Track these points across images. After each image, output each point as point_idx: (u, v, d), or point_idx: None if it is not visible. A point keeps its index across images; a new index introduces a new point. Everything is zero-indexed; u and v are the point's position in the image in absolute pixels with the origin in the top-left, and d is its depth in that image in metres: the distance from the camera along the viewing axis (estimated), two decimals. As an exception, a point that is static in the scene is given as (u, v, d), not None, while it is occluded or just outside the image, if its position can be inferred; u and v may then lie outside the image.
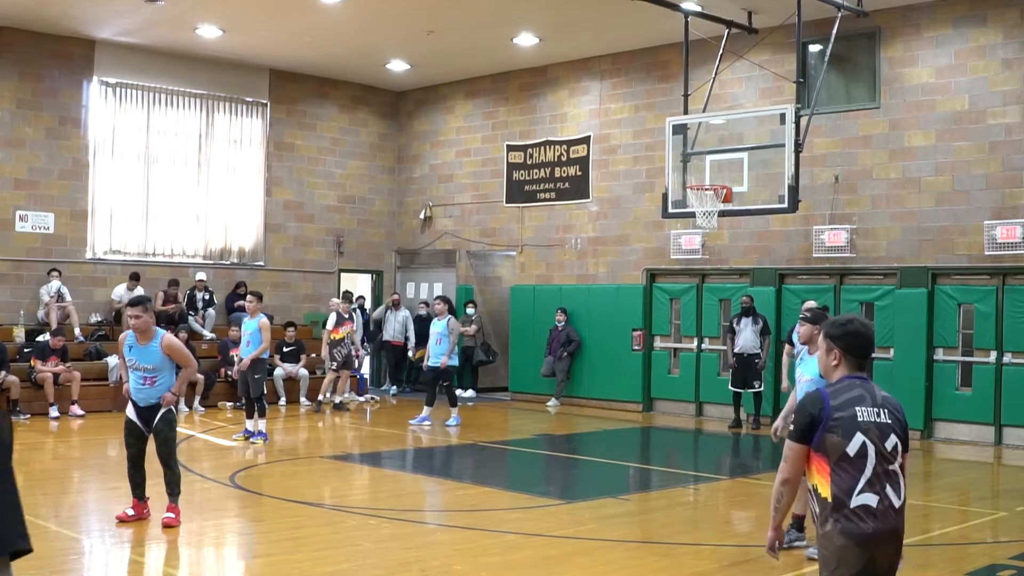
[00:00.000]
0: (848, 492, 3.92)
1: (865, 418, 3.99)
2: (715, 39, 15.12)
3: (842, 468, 3.94)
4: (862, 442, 3.95)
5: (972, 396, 14.26)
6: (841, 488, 3.93)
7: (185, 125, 19.07)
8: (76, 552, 7.47)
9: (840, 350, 4.16)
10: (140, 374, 8.20)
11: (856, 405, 4.01)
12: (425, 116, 21.50)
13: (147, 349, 8.18)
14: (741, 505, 10.23)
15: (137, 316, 8.15)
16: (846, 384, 4.10)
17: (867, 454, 3.94)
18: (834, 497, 3.93)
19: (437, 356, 15.16)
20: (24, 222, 17.27)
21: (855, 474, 3.93)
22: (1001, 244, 13.92)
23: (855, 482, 3.93)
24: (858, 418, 3.99)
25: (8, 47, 17.07)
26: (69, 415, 15.24)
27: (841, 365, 4.16)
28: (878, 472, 3.95)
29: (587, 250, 18.59)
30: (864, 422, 3.99)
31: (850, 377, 4.13)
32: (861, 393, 4.06)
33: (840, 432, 3.96)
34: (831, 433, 3.96)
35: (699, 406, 16.98)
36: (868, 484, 3.93)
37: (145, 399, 8.23)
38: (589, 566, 7.34)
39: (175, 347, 8.30)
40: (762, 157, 14.13)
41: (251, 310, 13.62)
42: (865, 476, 3.93)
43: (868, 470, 3.94)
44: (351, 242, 21.20)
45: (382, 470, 11.98)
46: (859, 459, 3.94)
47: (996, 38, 14.23)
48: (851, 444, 3.94)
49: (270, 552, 7.76)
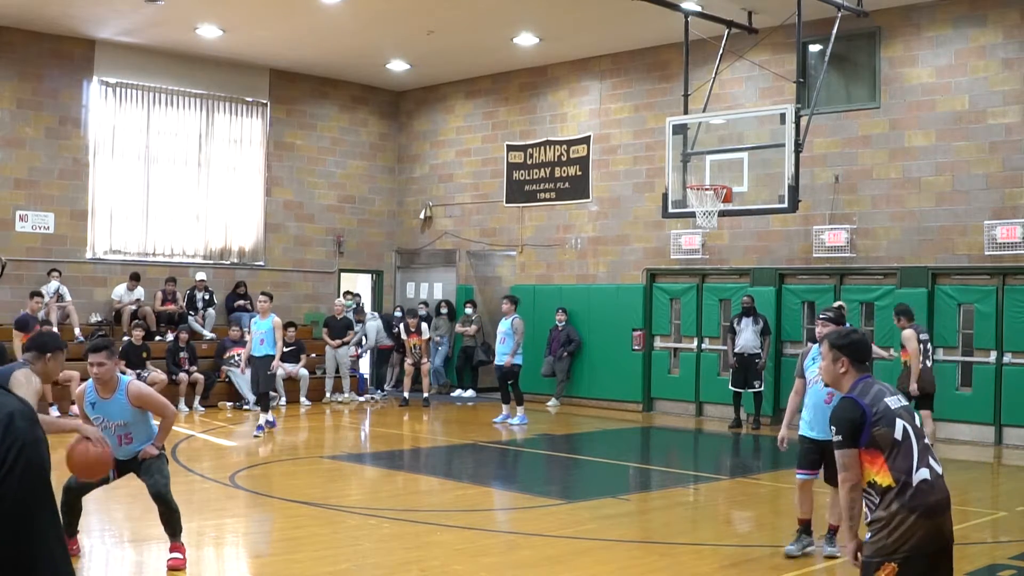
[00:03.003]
0: (908, 472, 4.25)
1: (896, 405, 4.38)
2: (715, 39, 15.12)
3: (896, 454, 4.28)
4: (903, 427, 4.32)
5: (972, 396, 14.26)
6: (902, 471, 4.25)
7: (185, 125, 19.07)
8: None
9: (847, 358, 4.55)
10: (111, 432, 6.87)
11: (884, 397, 4.40)
12: (425, 116, 21.50)
13: (112, 403, 6.93)
14: (741, 505, 10.23)
15: (101, 364, 6.83)
16: (864, 384, 4.48)
17: (909, 435, 4.31)
18: (897, 481, 4.24)
19: (502, 355, 15.34)
20: (24, 222, 17.27)
21: (908, 455, 4.28)
22: (1001, 244, 13.92)
23: (911, 462, 4.27)
24: (892, 407, 4.36)
25: (8, 47, 17.06)
26: (69, 415, 15.23)
27: (848, 372, 4.54)
28: (921, 448, 4.32)
29: (587, 250, 18.59)
30: (897, 409, 4.37)
31: (862, 378, 4.51)
32: (881, 387, 4.46)
33: (884, 424, 4.30)
34: (877, 427, 4.30)
35: (699, 406, 16.97)
36: (920, 460, 4.28)
37: (125, 453, 7.07)
38: (589, 566, 7.34)
39: (144, 395, 7.00)
40: (762, 157, 14.13)
41: (263, 310, 13.82)
42: (916, 454, 4.29)
43: (915, 449, 4.30)
44: (351, 242, 21.20)
45: (382, 470, 11.98)
46: (906, 441, 4.30)
47: (996, 38, 14.23)
48: (896, 431, 4.30)
49: (270, 552, 7.76)
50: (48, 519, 1.93)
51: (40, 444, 1.91)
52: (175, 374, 16.36)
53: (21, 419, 1.88)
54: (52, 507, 1.95)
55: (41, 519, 1.91)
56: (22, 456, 1.86)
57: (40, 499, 1.91)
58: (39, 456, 1.90)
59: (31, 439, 1.89)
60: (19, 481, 1.86)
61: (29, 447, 1.88)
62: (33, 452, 1.89)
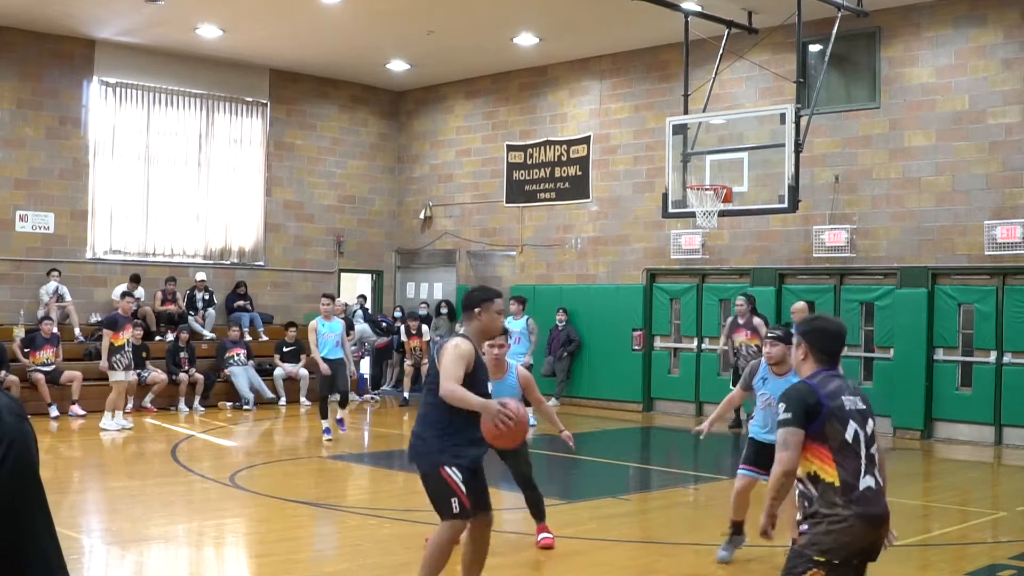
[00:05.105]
0: (855, 475, 4.07)
1: (851, 406, 4.16)
2: (715, 39, 15.12)
3: (844, 454, 4.08)
4: (854, 429, 4.12)
5: (972, 396, 14.26)
6: (849, 472, 4.06)
7: (185, 125, 19.07)
8: (76, 552, 7.46)
9: (807, 345, 4.30)
10: None
11: (842, 394, 4.17)
12: (425, 116, 21.50)
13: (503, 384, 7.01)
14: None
15: (501, 345, 6.88)
16: (823, 376, 4.24)
17: (859, 440, 4.11)
18: (843, 482, 4.05)
19: (518, 356, 15.18)
20: (24, 222, 17.27)
21: (856, 459, 4.09)
22: (1001, 244, 13.92)
23: (858, 466, 4.08)
24: (846, 407, 4.15)
25: (8, 47, 17.06)
26: (69, 415, 15.23)
27: (808, 359, 4.29)
28: (869, 456, 4.13)
29: (587, 250, 18.59)
30: (851, 410, 4.15)
31: (823, 370, 4.26)
32: (840, 383, 4.22)
33: (837, 420, 4.10)
34: (830, 421, 4.09)
35: (699, 406, 16.97)
36: (866, 468, 4.10)
37: None
38: (589, 566, 7.34)
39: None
40: (762, 157, 14.13)
41: (329, 312, 13.61)
42: (863, 461, 4.10)
43: (863, 455, 4.11)
44: (351, 242, 21.20)
45: (382, 470, 11.98)
46: (855, 444, 4.10)
47: (996, 38, 14.23)
48: (847, 431, 4.10)
49: (270, 552, 7.76)
50: (39, 514, 1.92)
51: (29, 439, 1.90)
52: (175, 374, 16.36)
53: (9, 414, 1.87)
54: (43, 502, 1.95)
55: (32, 515, 1.90)
56: (11, 452, 1.85)
57: (30, 495, 1.90)
58: (28, 452, 1.90)
59: (19, 434, 1.88)
60: (8, 477, 1.85)
61: (18, 443, 1.87)
62: (22, 448, 1.88)
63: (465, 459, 5.49)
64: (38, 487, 1.93)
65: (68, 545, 7.57)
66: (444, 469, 5.45)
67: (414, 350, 17.95)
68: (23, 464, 1.89)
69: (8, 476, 1.84)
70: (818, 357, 4.28)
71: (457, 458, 5.46)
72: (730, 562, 7.25)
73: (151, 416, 15.60)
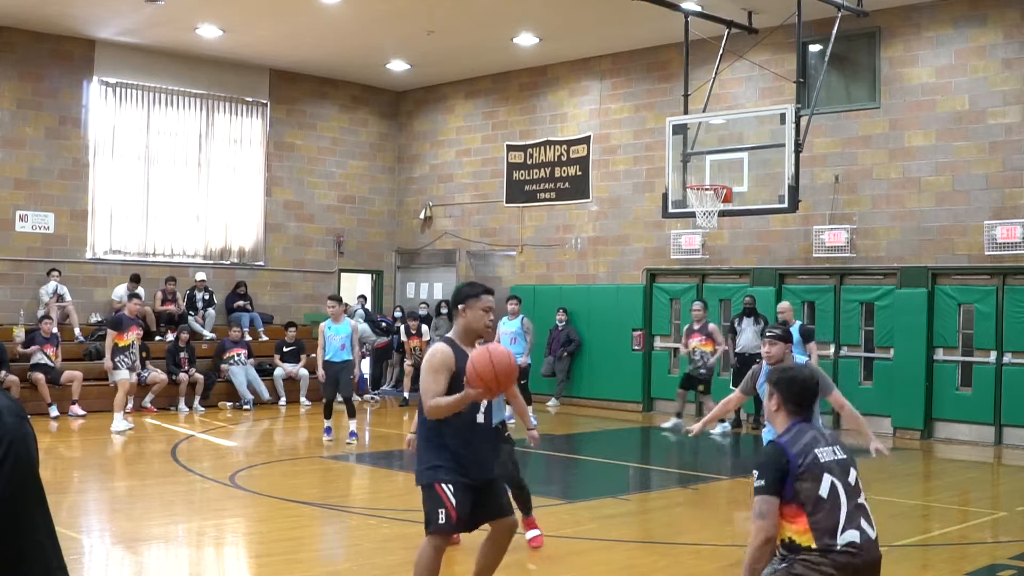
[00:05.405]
0: (832, 533, 3.94)
1: (826, 458, 4.05)
2: (715, 39, 15.12)
3: (820, 511, 3.97)
4: (831, 482, 4.00)
5: (972, 396, 14.26)
6: (824, 531, 3.95)
7: (185, 125, 19.07)
8: (76, 552, 7.46)
9: (779, 396, 4.22)
10: None
11: (814, 448, 4.06)
12: (425, 116, 21.50)
13: None
14: (741, 505, 10.21)
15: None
16: (796, 430, 4.15)
17: (837, 493, 3.99)
18: (819, 542, 3.94)
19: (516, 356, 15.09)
20: (24, 222, 17.27)
21: (833, 514, 3.96)
22: (1001, 244, 13.92)
23: (835, 521, 3.96)
24: (820, 459, 4.03)
25: (8, 47, 17.06)
26: (69, 415, 15.23)
27: (781, 411, 4.22)
28: (854, 507, 4.01)
29: (587, 250, 18.59)
30: (827, 462, 4.04)
31: (797, 423, 4.18)
32: (814, 435, 4.12)
33: (809, 478, 3.99)
34: (801, 481, 3.99)
35: (699, 406, 16.94)
36: (848, 521, 3.97)
37: None
38: (589, 566, 7.34)
39: None
40: (762, 157, 14.13)
41: (336, 314, 13.18)
42: (843, 515, 3.97)
43: (843, 509, 3.98)
44: (351, 242, 21.20)
45: (382, 470, 11.98)
46: (833, 499, 3.98)
47: (996, 38, 14.23)
48: (822, 487, 3.98)
49: (270, 552, 7.75)
50: (39, 515, 1.93)
51: (28, 439, 1.91)
52: (175, 374, 16.36)
53: (9, 415, 1.88)
54: (42, 503, 1.96)
55: (31, 515, 1.91)
56: (11, 452, 1.86)
57: (30, 494, 1.91)
58: (28, 452, 1.90)
59: (19, 435, 1.88)
60: (8, 477, 1.86)
61: (18, 443, 1.87)
62: (22, 448, 1.89)
63: (463, 476, 5.39)
64: (38, 488, 1.93)
65: (68, 545, 7.57)
66: (439, 485, 5.37)
67: (414, 350, 17.94)
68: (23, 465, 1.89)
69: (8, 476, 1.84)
70: (789, 408, 4.21)
71: (451, 473, 5.36)
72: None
73: (151, 416, 15.60)
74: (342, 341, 13.07)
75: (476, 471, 5.45)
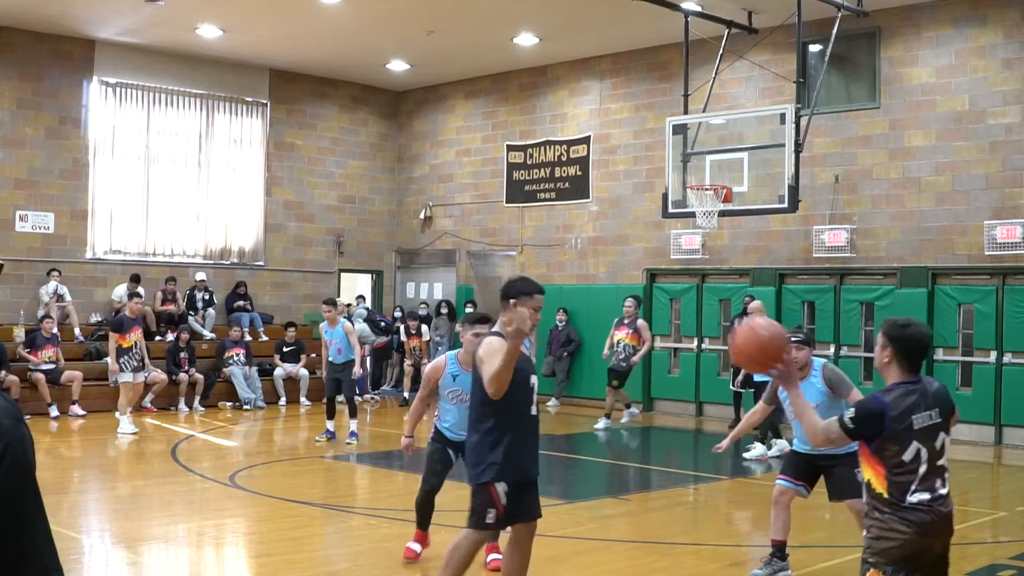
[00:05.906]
0: (903, 492, 4.13)
1: (920, 424, 4.16)
2: (715, 39, 15.12)
3: (897, 473, 4.14)
4: (917, 449, 4.15)
5: (972, 396, 14.25)
6: (898, 489, 4.14)
7: (185, 125, 19.07)
8: (76, 552, 7.46)
9: (892, 349, 4.23)
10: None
11: (912, 414, 4.15)
12: (425, 116, 21.50)
13: None
14: (741, 505, 10.23)
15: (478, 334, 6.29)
16: (901, 391, 4.19)
17: (920, 458, 4.15)
18: (890, 495, 4.14)
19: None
20: (24, 222, 17.27)
21: (909, 476, 4.14)
22: (1001, 244, 13.92)
23: (909, 483, 4.14)
24: (913, 427, 4.15)
25: (8, 47, 17.06)
26: (69, 415, 15.23)
27: (892, 364, 4.24)
28: (930, 470, 4.17)
29: (587, 250, 18.59)
30: (918, 430, 4.16)
31: (903, 383, 4.22)
32: (916, 400, 4.18)
33: (897, 442, 4.12)
34: (889, 442, 4.13)
35: (699, 406, 16.97)
36: (920, 482, 4.15)
37: None
38: (589, 566, 7.34)
39: None
40: (762, 157, 14.13)
41: (331, 318, 13.22)
42: (919, 476, 4.15)
43: (921, 470, 4.15)
44: (351, 242, 21.20)
45: (382, 470, 11.98)
46: (913, 463, 4.15)
47: (996, 38, 14.23)
48: (907, 452, 4.14)
49: (270, 552, 7.76)
50: (35, 517, 1.93)
51: (25, 441, 1.91)
52: (175, 374, 16.36)
53: (6, 417, 1.88)
54: (39, 505, 1.96)
55: (28, 517, 1.91)
56: (7, 454, 1.86)
57: (27, 497, 1.91)
58: (25, 454, 1.90)
59: (16, 437, 1.89)
60: (6, 478, 1.86)
61: (14, 444, 1.88)
62: (19, 449, 1.89)
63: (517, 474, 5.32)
64: (34, 489, 1.93)
65: (69, 545, 7.57)
66: (494, 486, 5.28)
67: (414, 350, 17.94)
68: (20, 467, 1.89)
69: (5, 478, 1.84)
70: (901, 365, 4.23)
71: (506, 473, 5.27)
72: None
73: (151, 416, 15.60)
74: (337, 346, 13.14)
75: (530, 467, 5.42)
